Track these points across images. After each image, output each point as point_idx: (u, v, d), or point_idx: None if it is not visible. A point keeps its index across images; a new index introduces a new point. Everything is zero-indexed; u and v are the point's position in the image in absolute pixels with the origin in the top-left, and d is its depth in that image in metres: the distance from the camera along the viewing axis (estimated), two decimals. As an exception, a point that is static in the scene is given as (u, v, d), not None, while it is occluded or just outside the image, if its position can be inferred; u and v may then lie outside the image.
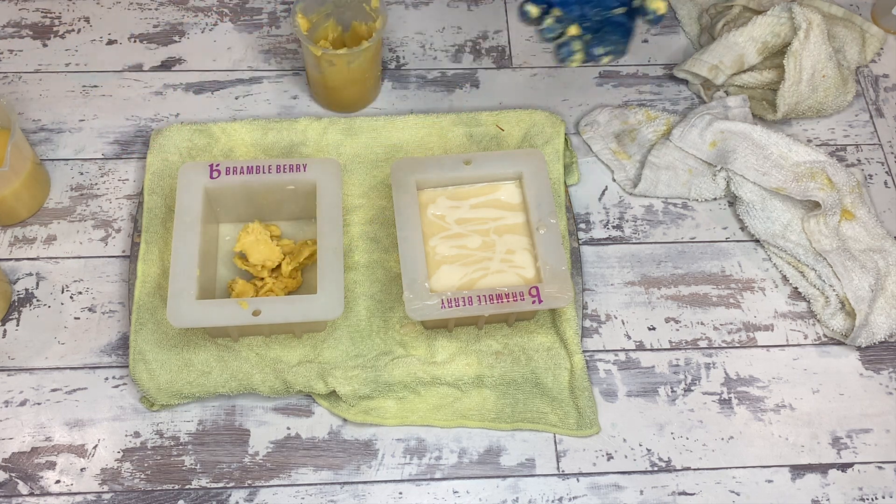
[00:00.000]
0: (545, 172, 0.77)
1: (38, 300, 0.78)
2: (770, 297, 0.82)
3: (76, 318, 0.78)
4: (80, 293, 0.79)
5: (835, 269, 0.79)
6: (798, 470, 0.74)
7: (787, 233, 0.82)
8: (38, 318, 0.77)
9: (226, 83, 0.91)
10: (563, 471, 0.73)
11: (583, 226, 0.85)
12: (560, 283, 0.72)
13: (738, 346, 0.79)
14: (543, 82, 0.93)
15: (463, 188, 0.78)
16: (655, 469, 0.73)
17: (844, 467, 0.74)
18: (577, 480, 0.73)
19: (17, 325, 0.77)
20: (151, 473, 0.71)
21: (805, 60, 0.84)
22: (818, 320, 0.80)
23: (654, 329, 0.80)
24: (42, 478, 0.71)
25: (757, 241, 0.84)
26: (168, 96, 0.90)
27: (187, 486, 0.71)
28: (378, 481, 0.72)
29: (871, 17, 0.99)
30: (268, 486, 0.71)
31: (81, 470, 0.71)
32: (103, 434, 0.73)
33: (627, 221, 0.85)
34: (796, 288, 0.82)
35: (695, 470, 0.73)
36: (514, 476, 0.73)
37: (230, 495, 0.71)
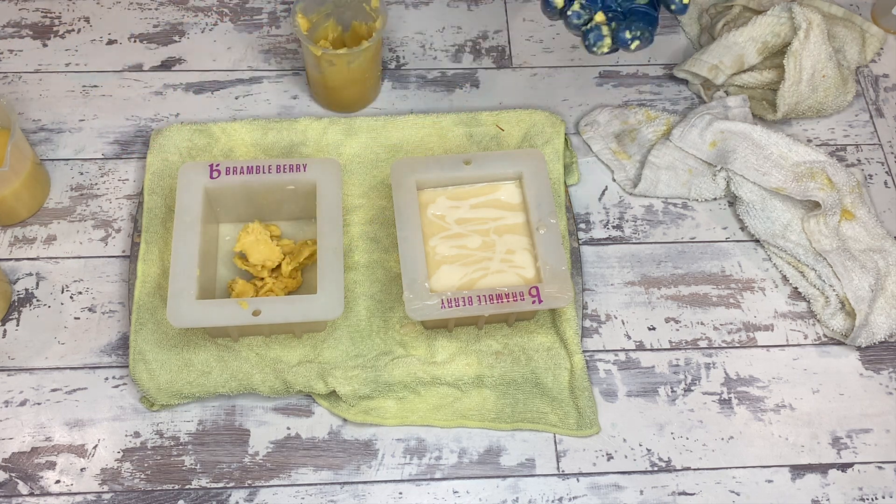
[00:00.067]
0: (545, 172, 0.77)
1: (38, 300, 0.78)
2: (770, 297, 0.82)
3: (76, 318, 0.78)
4: (80, 293, 0.79)
5: (835, 269, 0.79)
6: (798, 470, 0.74)
7: (787, 233, 0.82)
8: (38, 318, 0.77)
9: (226, 83, 0.91)
10: (563, 471, 0.73)
11: (583, 226, 0.85)
12: (560, 283, 0.72)
13: (738, 346, 0.79)
14: (543, 82, 0.93)
15: (463, 188, 0.78)
16: (655, 469, 0.73)
17: (844, 467, 0.74)
18: (577, 480, 0.73)
19: (17, 325, 0.77)
20: (151, 473, 0.71)
21: (805, 60, 0.84)
22: (818, 320, 0.80)
23: (654, 329, 0.80)
24: (42, 478, 0.71)
25: (757, 241, 0.84)
26: (168, 96, 0.90)
27: (187, 486, 0.71)
28: (378, 481, 0.72)
29: (871, 17, 0.99)
30: (268, 486, 0.71)
31: (81, 470, 0.71)
32: (103, 434, 0.73)
33: (627, 221, 0.85)
34: (796, 288, 0.82)
35: (695, 470, 0.73)
36: (514, 476, 0.73)
37: (230, 495, 0.71)
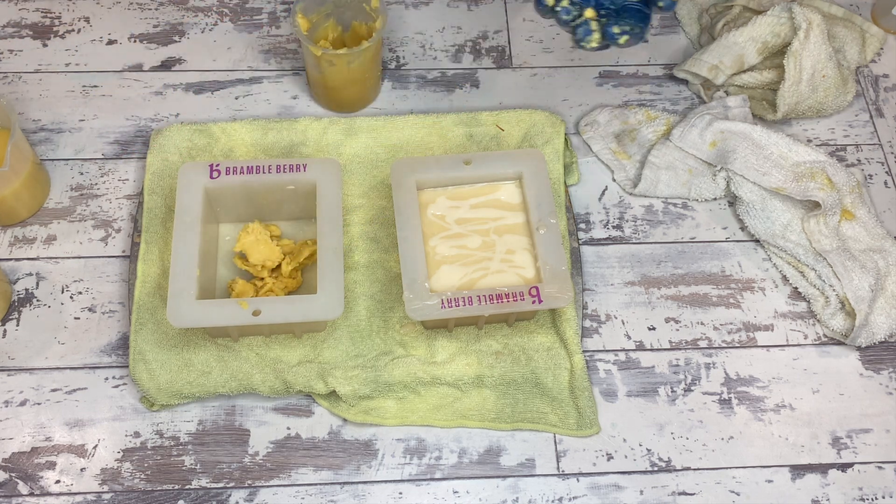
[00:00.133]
0: (545, 172, 0.77)
1: (38, 300, 0.78)
2: (770, 297, 0.82)
3: (76, 318, 0.78)
4: (80, 293, 0.79)
5: (835, 269, 0.79)
6: (798, 470, 0.74)
7: (787, 233, 0.82)
8: (38, 318, 0.77)
9: (226, 83, 0.91)
10: (563, 471, 0.73)
11: (583, 226, 0.85)
12: (560, 283, 0.72)
13: (738, 346, 0.79)
14: (543, 82, 0.93)
15: (463, 188, 0.78)
16: (655, 469, 0.73)
17: (844, 467, 0.74)
18: (577, 480, 0.73)
19: (17, 325, 0.77)
20: (151, 473, 0.71)
21: (805, 60, 0.84)
22: (818, 320, 0.80)
23: (654, 329, 0.80)
24: (42, 478, 0.71)
25: (757, 241, 0.84)
26: (168, 96, 0.90)
27: (187, 486, 0.71)
28: (378, 481, 0.72)
29: (871, 17, 0.99)
30: (268, 486, 0.71)
31: (81, 470, 0.71)
32: (103, 434, 0.73)
33: (627, 221, 0.85)
34: (796, 288, 0.82)
35: (695, 470, 0.73)
36: (514, 476, 0.73)
37: (230, 495, 0.71)
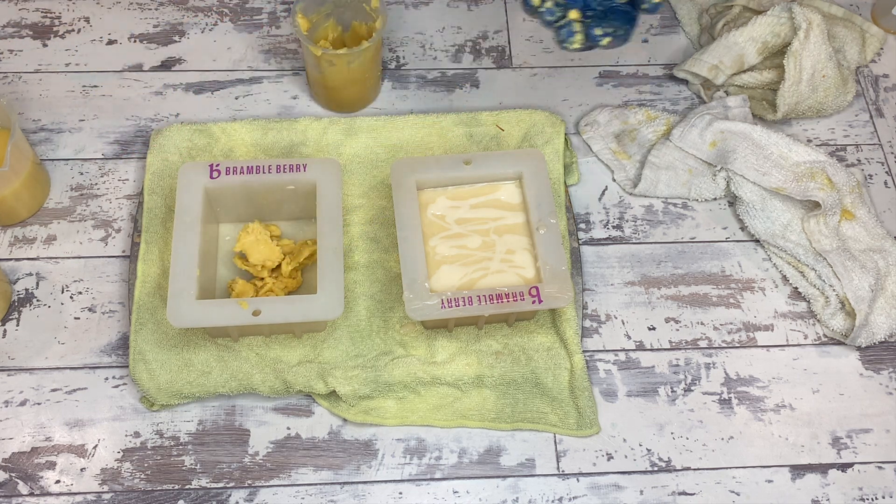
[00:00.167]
0: (545, 172, 0.77)
1: (38, 300, 0.78)
2: (770, 297, 0.82)
3: (76, 318, 0.78)
4: (80, 293, 0.79)
5: (835, 269, 0.79)
6: (798, 470, 0.74)
7: (787, 233, 0.82)
8: (38, 318, 0.77)
9: (226, 83, 0.91)
10: (563, 471, 0.73)
11: (583, 226, 0.85)
12: (560, 283, 0.72)
13: (738, 346, 0.79)
14: (543, 82, 0.93)
15: (463, 188, 0.78)
16: (655, 469, 0.73)
17: (844, 467, 0.74)
18: (577, 480, 0.73)
19: (17, 325, 0.77)
20: (151, 473, 0.71)
21: (805, 60, 0.84)
22: (818, 320, 0.80)
23: (654, 329, 0.80)
24: (42, 478, 0.71)
25: (757, 241, 0.84)
26: (168, 96, 0.90)
27: (187, 486, 0.71)
28: (378, 481, 0.72)
29: (871, 17, 0.99)
30: (268, 486, 0.71)
31: (81, 470, 0.71)
32: (103, 434, 0.73)
33: (627, 221, 0.85)
34: (796, 288, 0.82)
35: (695, 470, 0.73)
36: (514, 476, 0.73)
37: (230, 495, 0.71)
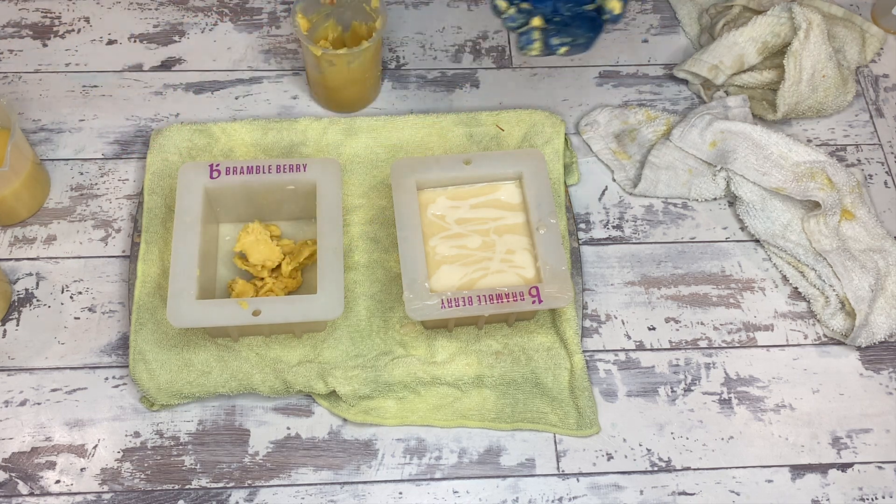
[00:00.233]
0: (545, 172, 0.77)
1: (38, 300, 0.78)
2: (770, 297, 0.82)
3: (76, 318, 0.78)
4: (80, 293, 0.79)
5: (835, 269, 0.79)
6: (798, 470, 0.74)
7: (787, 233, 0.82)
8: (38, 318, 0.77)
9: (226, 83, 0.91)
10: (563, 471, 0.73)
11: (583, 226, 0.85)
12: (560, 283, 0.72)
13: (738, 346, 0.79)
14: (543, 82, 0.93)
15: (463, 188, 0.78)
16: (655, 469, 0.73)
17: (844, 467, 0.74)
18: (577, 480, 0.73)
19: (17, 325, 0.77)
20: (151, 473, 0.71)
21: (805, 60, 0.84)
22: (818, 320, 0.80)
23: (654, 329, 0.80)
24: (42, 478, 0.71)
25: (757, 241, 0.84)
26: (168, 96, 0.90)
27: (187, 486, 0.71)
28: (378, 481, 0.72)
29: (871, 17, 0.99)
30: (268, 486, 0.71)
31: (81, 470, 0.71)
32: (103, 434, 0.73)
33: (627, 221, 0.85)
34: (796, 288, 0.82)
35: (695, 470, 0.73)
36: (514, 476, 0.73)
37: (230, 495, 0.71)
